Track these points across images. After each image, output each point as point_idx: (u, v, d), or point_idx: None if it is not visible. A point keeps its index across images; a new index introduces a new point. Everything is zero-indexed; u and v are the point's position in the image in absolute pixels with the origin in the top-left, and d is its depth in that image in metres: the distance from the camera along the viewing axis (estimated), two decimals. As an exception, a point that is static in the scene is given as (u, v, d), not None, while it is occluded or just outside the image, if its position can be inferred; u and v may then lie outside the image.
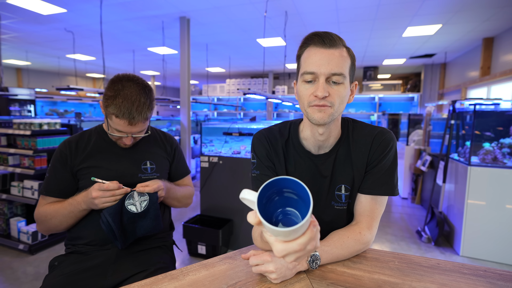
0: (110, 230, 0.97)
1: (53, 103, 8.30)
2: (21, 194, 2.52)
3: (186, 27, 4.11)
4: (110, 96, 0.98)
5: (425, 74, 7.41)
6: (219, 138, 3.27)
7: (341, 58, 0.70)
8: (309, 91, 0.72)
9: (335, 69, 0.69)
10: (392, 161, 0.80)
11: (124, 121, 0.98)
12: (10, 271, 2.21)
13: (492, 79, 4.54)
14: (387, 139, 0.80)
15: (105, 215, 0.96)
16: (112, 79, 1.02)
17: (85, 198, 0.97)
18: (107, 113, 0.99)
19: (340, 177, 0.83)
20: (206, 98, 8.91)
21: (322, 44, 0.70)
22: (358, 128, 0.84)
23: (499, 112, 2.86)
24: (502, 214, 2.41)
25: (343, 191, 0.83)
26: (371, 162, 0.80)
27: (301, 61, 0.75)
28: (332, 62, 0.69)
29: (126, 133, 1.03)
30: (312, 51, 0.71)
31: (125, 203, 1.00)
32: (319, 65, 0.70)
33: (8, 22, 4.43)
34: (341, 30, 4.59)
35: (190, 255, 2.50)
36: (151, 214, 1.03)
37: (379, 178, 0.79)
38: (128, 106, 0.97)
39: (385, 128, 0.81)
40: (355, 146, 0.82)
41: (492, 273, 0.69)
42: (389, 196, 0.84)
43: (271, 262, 0.64)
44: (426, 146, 3.91)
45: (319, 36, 0.71)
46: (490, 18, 3.95)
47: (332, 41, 0.70)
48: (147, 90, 1.03)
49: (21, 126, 2.49)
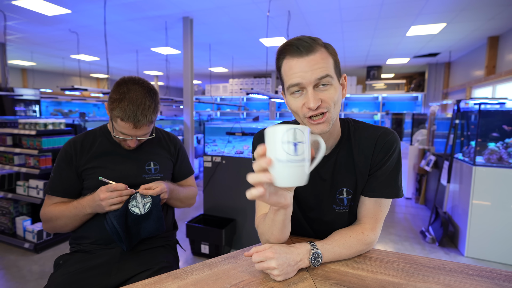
0: (115, 232, 0.98)
1: (57, 103, 8.36)
2: (27, 193, 2.55)
3: (189, 27, 4.12)
4: (115, 99, 0.98)
5: (429, 73, 7.35)
6: (222, 138, 3.28)
7: (323, 61, 0.67)
8: (300, 102, 0.69)
9: (319, 74, 0.66)
10: (396, 163, 0.78)
11: (129, 124, 0.99)
12: (16, 269, 2.23)
13: (497, 78, 4.49)
14: (391, 140, 0.77)
15: (110, 218, 0.97)
16: (117, 82, 1.02)
17: (91, 202, 0.97)
18: (112, 115, 1.00)
19: (342, 180, 0.81)
20: (209, 98, 8.92)
21: (299, 52, 0.66)
22: (360, 128, 0.81)
23: (504, 112, 2.83)
24: (507, 214, 2.39)
25: (345, 195, 0.81)
26: (374, 164, 0.78)
27: (283, 73, 0.71)
28: (315, 67, 0.66)
29: (131, 135, 1.03)
30: (292, 62, 0.67)
31: (128, 205, 1.01)
32: (302, 75, 0.66)
33: (14, 23, 4.48)
34: (344, 29, 4.57)
35: (193, 255, 2.50)
36: (154, 216, 1.04)
37: (383, 181, 0.77)
38: (133, 110, 0.97)
39: (389, 129, 0.79)
40: (357, 148, 0.79)
41: (497, 274, 0.69)
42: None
43: (273, 259, 0.65)
44: (430, 146, 3.88)
45: (292, 45, 0.67)
46: (495, 17, 3.91)
47: (308, 46, 0.66)
48: (152, 93, 1.03)
49: (27, 126, 2.51)
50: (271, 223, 0.71)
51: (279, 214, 0.67)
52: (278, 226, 0.70)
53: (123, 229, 0.98)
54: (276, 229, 0.71)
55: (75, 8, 3.83)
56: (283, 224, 0.70)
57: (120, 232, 0.97)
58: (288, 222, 0.71)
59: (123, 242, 1.00)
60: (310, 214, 0.86)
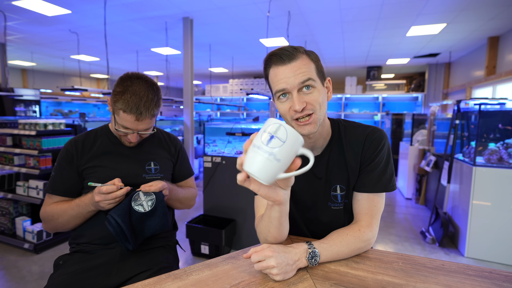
0: (120, 231, 0.97)
1: (57, 103, 8.37)
2: (27, 193, 2.55)
3: (189, 28, 4.13)
4: (118, 92, 1.00)
5: (429, 73, 7.35)
6: (222, 138, 3.28)
7: (304, 66, 0.73)
8: (287, 106, 0.75)
9: (302, 78, 0.72)
10: (386, 158, 0.82)
11: (132, 116, 1.00)
12: (16, 270, 2.23)
13: (497, 79, 4.49)
14: (379, 137, 0.81)
15: (113, 217, 0.96)
16: (121, 77, 1.04)
17: (91, 200, 0.98)
18: (115, 108, 1.01)
19: (335, 177, 0.84)
20: (209, 98, 8.92)
21: (282, 61, 0.73)
22: (350, 128, 0.86)
23: (504, 112, 2.83)
24: (507, 215, 2.39)
25: (339, 191, 0.85)
26: (364, 160, 0.82)
27: (270, 81, 0.78)
28: (297, 73, 0.72)
29: (133, 129, 1.04)
30: (276, 70, 0.74)
31: (132, 205, 1.00)
32: (286, 81, 0.72)
33: (14, 23, 4.48)
34: (344, 29, 4.57)
35: (193, 255, 2.50)
36: (159, 212, 1.04)
37: (374, 176, 0.81)
38: (136, 102, 0.99)
39: (377, 127, 0.84)
40: (348, 147, 0.84)
41: (497, 274, 0.69)
42: (392, 197, 0.84)
43: (272, 257, 0.65)
44: (430, 146, 3.88)
45: (276, 55, 0.73)
46: (495, 17, 3.91)
47: (289, 55, 0.72)
48: (155, 88, 1.06)
49: (26, 127, 2.51)
50: (268, 220, 0.72)
51: (274, 210, 0.68)
52: (275, 224, 0.71)
53: (128, 227, 0.97)
54: (273, 227, 0.72)
55: (75, 9, 3.84)
56: (279, 222, 0.71)
57: (125, 230, 0.96)
58: (284, 221, 0.72)
59: (128, 242, 0.99)
60: (308, 214, 0.88)
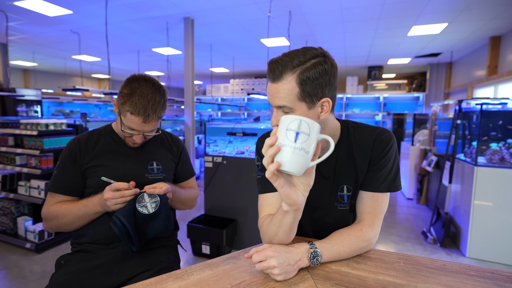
0: (125, 232, 0.97)
1: (59, 103, 8.40)
2: (28, 193, 2.56)
3: (190, 28, 4.13)
4: (126, 94, 1.01)
5: (430, 73, 7.34)
6: (223, 138, 3.28)
7: (284, 91, 0.70)
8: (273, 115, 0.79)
9: (278, 103, 0.72)
10: (393, 159, 0.82)
11: (139, 118, 1.01)
12: (17, 269, 2.24)
13: (499, 78, 4.48)
14: (387, 137, 0.82)
15: (119, 217, 0.96)
16: (128, 78, 1.05)
17: (100, 200, 0.98)
18: (122, 110, 1.02)
19: (343, 177, 0.84)
20: (210, 98, 8.93)
21: (271, 78, 0.73)
22: (359, 129, 0.86)
23: (506, 112, 2.82)
24: (509, 215, 2.38)
25: (346, 192, 0.85)
26: (372, 159, 0.82)
27: None
28: (276, 96, 0.72)
29: (139, 131, 1.05)
30: (268, 83, 0.76)
31: (136, 206, 1.00)
32: (270, 97, 0.75)
33: (16, 24, 4.50)
34: (345, 29, 4.57)
35: (194, 255, 2.51)
36: (163, 215, 1.04)
37: (380, 176, 0.81)
38: (144, 104, 1.00)
39: (385, 128, 0.84)
40: (357, 147, 0.84)
41: (499, 275, 0.68)
42: (394, 197, 0.85)
43: (273, 257, 0.65)
44: (431, 146, 3.88)
45: (269, 67, 0.73)
46: (497, 17, 3.90)
47: (276, 74, 0.70)
48: (161, 90, 1.07)
49: (28, 127, 2.52)
50: (278, 224, 0.71)
51: (287, 216, 0.67)
52: (285, 229, 0.70)
53: (133, 227, 0.97)
54: (282, 231, 0.71)
55: (76, 9, 3.84)
56: (290, 228, 0.70)
57: (130, 231, 0.96)
58: (295, 226, 0.72)
59: (132, 243, 0.99)
60: (313, 214, 0.88)
